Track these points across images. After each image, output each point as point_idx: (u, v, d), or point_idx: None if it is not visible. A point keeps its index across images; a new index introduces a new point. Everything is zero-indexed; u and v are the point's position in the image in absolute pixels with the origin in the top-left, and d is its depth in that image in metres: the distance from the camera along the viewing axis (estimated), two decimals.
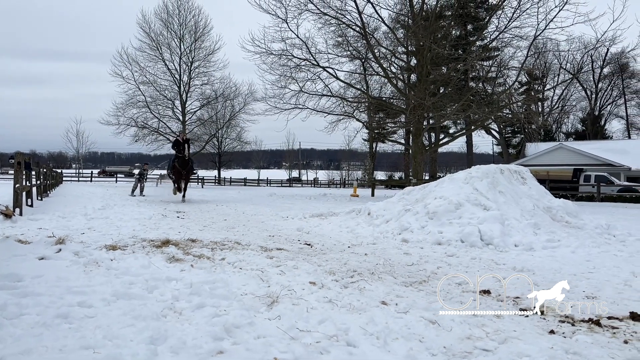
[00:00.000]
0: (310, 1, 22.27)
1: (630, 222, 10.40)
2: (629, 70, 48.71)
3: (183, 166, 15.51)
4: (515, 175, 7.95)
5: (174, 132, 37.44)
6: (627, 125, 52.45)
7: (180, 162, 15.45)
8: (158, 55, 36.05)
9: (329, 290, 3.78)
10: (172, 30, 36.19)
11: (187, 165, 15.63)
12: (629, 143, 40.94)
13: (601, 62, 48.28)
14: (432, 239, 6.53)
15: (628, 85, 50.74)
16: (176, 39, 36.38)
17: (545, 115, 47.90)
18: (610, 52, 43.20)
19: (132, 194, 18.87)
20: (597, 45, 23.31)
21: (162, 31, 36.12)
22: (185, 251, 5.23)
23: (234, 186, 47.19)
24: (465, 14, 27.44)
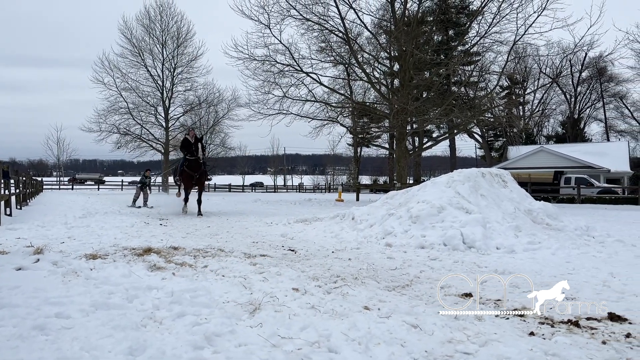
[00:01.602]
0: (293, 7, 22.33)
1: (609, 224, 10.59)
2: (607, 74, 49.76)
3: (195, 169, 12.68)
4: (496, 179, 8.05)
5: (157, 139, 37.08)
6: (605, 128, 53.47)
7: (191, 164, 12.67)
8: (140, 62, 35.71)
9: (312, 296, 3.77)
10: (154, 36, 35.90)
11: (199, 168, 12.73)
12: (608, 145, 41.75)
13: (580, 67, 49.18)
14: (415, 243, 6.57)
15: (606, 88, 51.80)
16: (158, 45, 36.09)
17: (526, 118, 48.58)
18: (589, 57, 44.14)
19: (133, 205, 16.75)
20: (575, 49, 23.76)
21: (144, 37, 35.80)
22: (167, 259, 5.17)
23: (218, 192, 46.90)
24: (446, 19, 27.77)
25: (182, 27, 36.44)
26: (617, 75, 49.23)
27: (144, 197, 17.64)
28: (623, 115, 52.55)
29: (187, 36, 36.52)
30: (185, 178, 12.95)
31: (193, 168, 12.66)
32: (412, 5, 24.61)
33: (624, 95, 51.12)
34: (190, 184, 13.09)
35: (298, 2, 22.27)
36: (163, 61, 36.23)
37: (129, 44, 35.36)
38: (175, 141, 38.61)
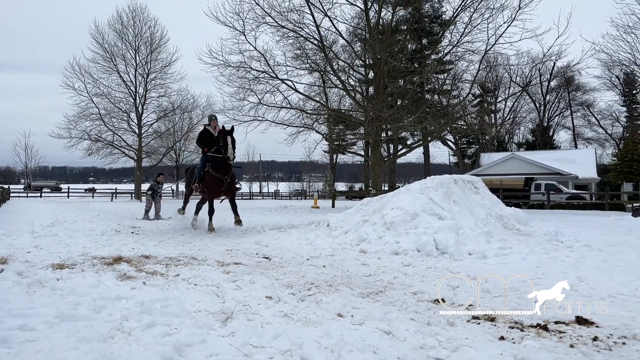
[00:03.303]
0: (268, 14, 22.38)
1: (577, 229, 10.87)
2: (575, 84, 51.34)
3: (224, 171, 9.97)
4: (468, 185, 8.17)
5: (129, 145, 36.44)
6: (573, 136, 55.09)
7: (217, 165, 9.96)
8: (112, 67, 35.19)
9: (285, 304, 3.74)
10: (126, 42, 35.45)
11: (230, 170, 10.11)
12: (576, 152, 42.99)
13: (548, 76, 50.54)
14: (389, 249, 6.60)
15: (574, 97, 53.45)
16: (131, 51, 35.63)
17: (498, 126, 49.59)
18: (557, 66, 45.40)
19: (146, 216, 14.82)
20: (544, 59, 24.42)
21: (117, 42, 35.33)
22: (138, 268, 5.07)
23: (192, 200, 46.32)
24: (420, 28, 28.27)
25: (155, 32, 36.12)
26: (584, 84, 50.92)
27: (156, 207, 15.31)
28: (590, 123, 54.31)
29: (160, 42, 36.21)
30: (211, 184, 10.01)
31: (221, 169, 9.94)
32: (386, 14, 24.96)
33: (591, 103, 52.87)
34: (219, 192, 10.24)
35: (273, 9, 22.36)
36: (136, 67, 35.76)
37: (100, 49, 34.83)
38: (148, 148, 38.09)
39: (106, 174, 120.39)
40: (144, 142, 37.03)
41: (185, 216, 11.57)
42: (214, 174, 9.99)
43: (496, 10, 21.57)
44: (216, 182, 10.02)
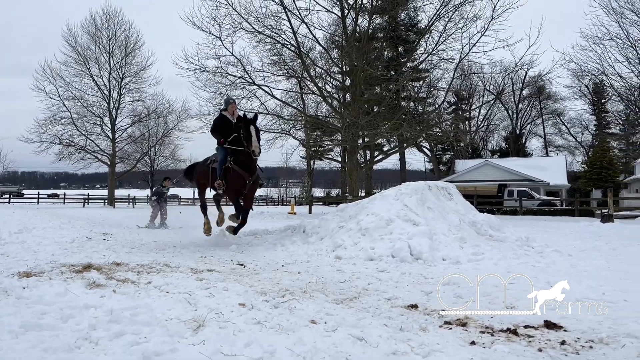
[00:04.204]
0: (245, 19, 22.34)
1: (548, 234, 11.10)
2: (546, 92, 52.72)
3: (249, 169, 8.40)
4: (442, 192, 8.28)
5: (102, 150, 35.71)
6: (545, 143, 56.49)
7: (240, 159, 8.33)
8: (85, 70, 34.49)
9: (258, 311, 3.71)
10: (100, 45, 34.80)
11: (255, 170, 8.53)
12: (547, 160, 44.08)
13: (521, 85, 51.86)
14: (364, 255, 6.62)
15: (545, 106, 54.88)
16: (105, 54, 35.00)
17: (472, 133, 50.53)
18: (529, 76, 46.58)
19: (152, 224, 13.89)
20: (515, 68, 25.01)
21: (90, 45, 34.64)
22: (109, 276, 4.96)
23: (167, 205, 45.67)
24: (396, 36, 28.61)
25: (130, 36, 35.59)
26: (554, 93, 52.36)
27: (162, 214, 14.29)
28: (560, 131, 55.82)
29: (135, 45, 35.68)
30: (233, 180, 8.37)
31: (245, 166, 8.32)
32: (363, 22, 25.19)
33: (561, 112, 54.39)
34: (241, 191, 8.54)
35: (250, 15, 22.34)
36: (110, 70, 35.15)
37: (73, 52, 34.12)
38: (122, 153, 37.42)
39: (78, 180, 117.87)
40: (117, 147, 36.37)
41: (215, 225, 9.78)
42: (237, 170, 8.32)
43: (470, 20, 22.04)
44: (239, 180, 8.38)
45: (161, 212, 14.37)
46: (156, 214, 14.33)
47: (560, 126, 55.36)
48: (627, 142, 49.74)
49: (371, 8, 24.32)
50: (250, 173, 8.42)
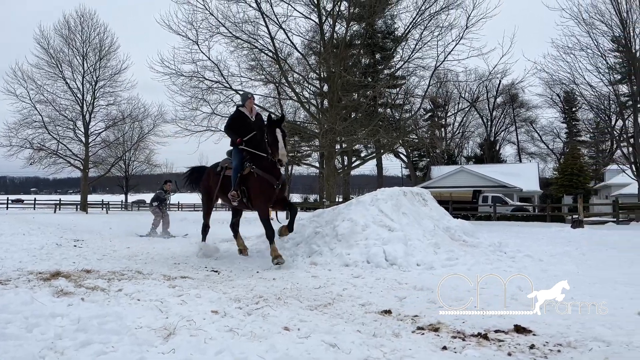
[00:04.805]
0: (222, 24, 22.24)
1: (521, 239, 11.29)
2: (519, 100, 53.87)
3: (274, 172, 7.16)
4: (417, 197, 8.36)
5: (75, 155, 34.96)
6: (518, 150, 57.71)
7: (264, 166, 7.11)
8: (58, 73, 33.77)
9: (231, 318, 3.67)
10: (74, 48, 34.15)
11: (280, 173, 7.32)
12: (520, 166, 44.99)
13: (495, 93, 52.88)
14: (339, 261, 6.62)
15: (518, 113, 56.11)
16: (78, 57, 34.35)
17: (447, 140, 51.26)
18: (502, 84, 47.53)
19: (154, 232, 13.08)
20: (489, 77, 25.51)
21: (63, 48, 33.97)
22: (78, 283, 4.84)
23: (142, 211, 44.92)
24: (373, 43, 28.88)
25: (105, 39, 35.03)
26: (527, 101, 53.53)
27: (164, 221, 13.33)
28: (533, 138, 57.12)
29: (110, 49, 35.15)
30: (262, 187, 7.11)
31: (270, 169, 7.11)
32: (340, 29, 25.35)
33: (534, 120, 55.65)
34: (271, 199, 7.32)
35: (227, 19, 22.25)
36: (84, 74, 34.49)
37: (45, 55, 33.39)
38: (96, 157, 36.70)
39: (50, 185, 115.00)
40: (91, 152, 35.68)
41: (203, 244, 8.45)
42: (261, 175, 7.05)
43: (445, 29, 22.42)
44: (268, 187, 7.10)
45: (163, 219, 13.41)
46: (158, 222, 13.37)
47: (532, 134, 56.67)
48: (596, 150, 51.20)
49: (348, 15, 24.51)
50: (277, 176, 7.17)
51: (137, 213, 38.71)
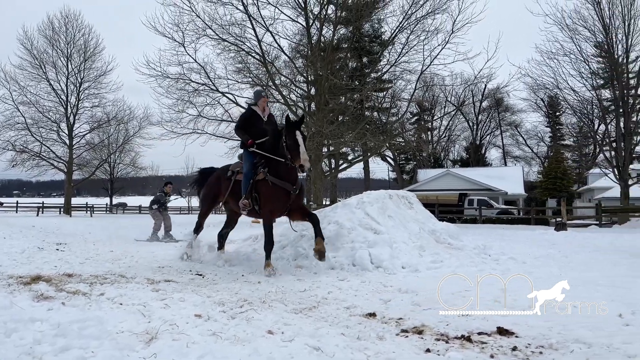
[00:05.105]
0: (209, 27, 22.14)
1: (505, 242, 11.38)
2: (504, 105, 54.54)
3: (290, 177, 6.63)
4: (403, 200, 8.39)
5: (59, 157, 34.44)
6: (503, 154, 58.33)
7: (279, 169, 6.60)
8: (41, 74, 33.21)
9: (215, 322, 3.64)
10: (58, 49, 33.63)
11: (297, 177, 6.84)
12: (506, 170, 45.49)
13: (480, 97, 53.45)
14: (325, 264, 6.60)
15: (503, 117, 56.80)
16: (63, 58, 33.84)
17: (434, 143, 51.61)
18: (488, 88, 48.07)
19: (155, 236, 12.54)
20: (475, 81, 25.77)
21: (47, 49, 33.46)
22: (59, 287, 4.76)
23: (127, 214, 44.46)
24: (360, 47, 29.00)
25: (90, 40, 34.55)
26: (512, 105, 54.22)
27: (166, 224, 12.83)
28: (518, 142, 57.82)
29: (95, 50, 34.65)
30: (272, 197, 6.63)
31: (285, 174, 6.58)
32: (327, 32, 25.38)
33: (519, 124, 56.38)
34: (281, 210, 6.86)
35: (214, 22, 22.15)
36: (68, 75, 33.99)
37: (28, 56, 32.83)
38: (80, 160, 36.22)
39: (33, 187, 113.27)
40: (75, 154, 35.14)
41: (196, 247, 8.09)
42: (275, 182, 6.54)
43: (431, 33, 22.58)
44: (279, 195, 6.59)
45: (164, 222, 12.89)
46: (159, 225, 12.83)
47: (517, 137, 57.37)
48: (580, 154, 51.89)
49: (336, 19, 24.56)
50: (293, 182, 6.61)
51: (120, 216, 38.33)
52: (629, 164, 25.18)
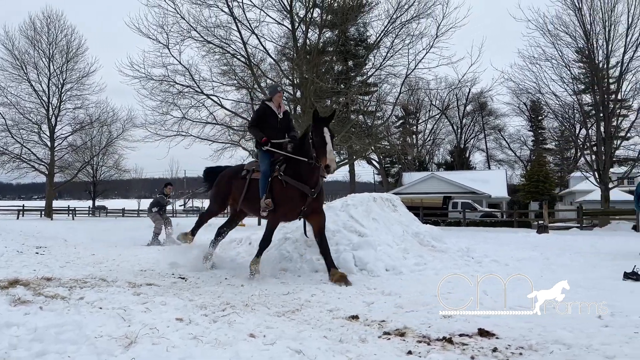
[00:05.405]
0: (193, 29, 22.05)
1: (488, 245, 11.50)
2: (488, 109, 55.18)
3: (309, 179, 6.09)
4: (387, 203, 8.42)
5: (40, 159, 33.92)
6: (487, 157, 59.01)
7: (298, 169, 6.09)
8: (22, 75, 32.78)
9: (196, 325, 3.59)
10: (39, 49, 33.22)
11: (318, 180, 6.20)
12: (489, 173, 45.96)
13: (465, 101, 54.01)
14: (309, 267, 6.61)
15: (487, 121, 57.50)
16: (44, 59, 33.42)
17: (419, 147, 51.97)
18: (472, 92, 48.59)
19: (156, 240, 12.00)
20: (458, 85, 26.05)
21: (28, 49, 33.03)
22: (37, 292, 4.67)
23: (110, 217, 43.91)
24: (346, 50, 29.10)
25: (72, 41, 34.19)
26: (496, 109, 54.88)
27: (166, 227, 12.32)
28: (501, 146, 58.55)
29: (78, 51, 34.30)
30: (286, 198, 6.12)
31: (304, 175, 6.06)
32: (313, 35, 25.45)
33: (502, 128, 57.09)
34: (295, 214, 6.38)
35: (199, 24, 22.09)
36: (50, 76, 33.57)
37: (9, 56, 32.41)
38: (62, 162, 35.70)
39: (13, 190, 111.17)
40: (57, 156, 34.68)
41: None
42: (291, 184, 6.05)
43: (416, 38, 22.82)
44: (294, 198, 6.09)
45: (165, 225, 12.40)
46: (160, 229, 12.28)
47: (501, 141, 58.09)
48: (561, 157, 52.79)
49: (321, 22, 24.64)
50: (312, 184, 6.07)
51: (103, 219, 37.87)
52: (609, 168, 25.65)
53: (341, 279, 5.73)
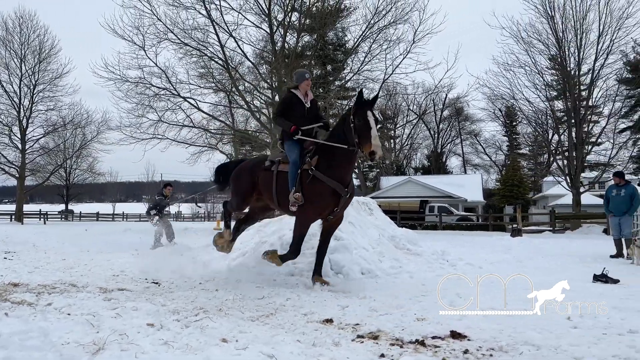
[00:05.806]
0: (170, 30, 21.80)
1: (464, 248, 11.65)
2: (464, 114, 56.04)
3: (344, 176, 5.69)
4: (363, 207, 8.46)
5: (10, 162, 33.00)
6: (463, 162, 59.90)
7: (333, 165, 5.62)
8: None
9: (167, 331, 3.54)
10: (11, 49, 32.37)
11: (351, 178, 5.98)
12: (465, 178, 46.67)
13: (441, 106, 54.75)
14: (285, 270, 6.57)
15: (463, 126, 58.38)
16: (16, 59, 32.58)
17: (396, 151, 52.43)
18: (448, 98, 49.32)
19: (158, 243, 11.63)
20: (435, 90, 26.40)
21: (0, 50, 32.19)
22: (3, 297, 4.54)
23: (84, 221, 42.99)
24: (324, 54, 29.15)
25: (45, 41, 33.38)
26: (472, 115, 55.74)
27: (167, 230, 11.95)
28: (477, 150, 59.50)
29: (51, 51, 33.49)
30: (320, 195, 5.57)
31: (338, 172, 5.62)
32: (291, 39, 25.44)
33: (478, 133, 58.00)
34: (328, 211, 5.79)
35: (176, 26, 21.85)
36: (21, 77, 32.73)
37: None
38: (33, 165, 34.81)
39: None
40: (28, 159, 33.76)
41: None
42: (324, 181, 5.52)
43: (393, 43, 23.02)
44: (325, 194, 5.58)
45: (166, 228, 11.98)
46: (161, 232, 11.88)
47: (477, 146, 59.03)
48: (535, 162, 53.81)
49: (299, 26, 24.65)
50: (346, 183, 5.65)
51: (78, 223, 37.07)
52: (580, 173, 26.29)
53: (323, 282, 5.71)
